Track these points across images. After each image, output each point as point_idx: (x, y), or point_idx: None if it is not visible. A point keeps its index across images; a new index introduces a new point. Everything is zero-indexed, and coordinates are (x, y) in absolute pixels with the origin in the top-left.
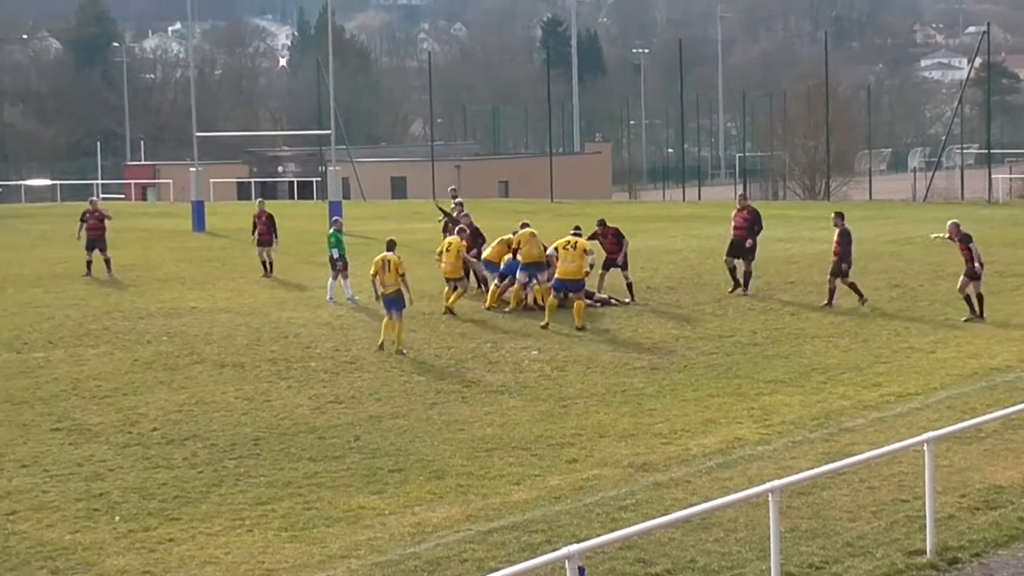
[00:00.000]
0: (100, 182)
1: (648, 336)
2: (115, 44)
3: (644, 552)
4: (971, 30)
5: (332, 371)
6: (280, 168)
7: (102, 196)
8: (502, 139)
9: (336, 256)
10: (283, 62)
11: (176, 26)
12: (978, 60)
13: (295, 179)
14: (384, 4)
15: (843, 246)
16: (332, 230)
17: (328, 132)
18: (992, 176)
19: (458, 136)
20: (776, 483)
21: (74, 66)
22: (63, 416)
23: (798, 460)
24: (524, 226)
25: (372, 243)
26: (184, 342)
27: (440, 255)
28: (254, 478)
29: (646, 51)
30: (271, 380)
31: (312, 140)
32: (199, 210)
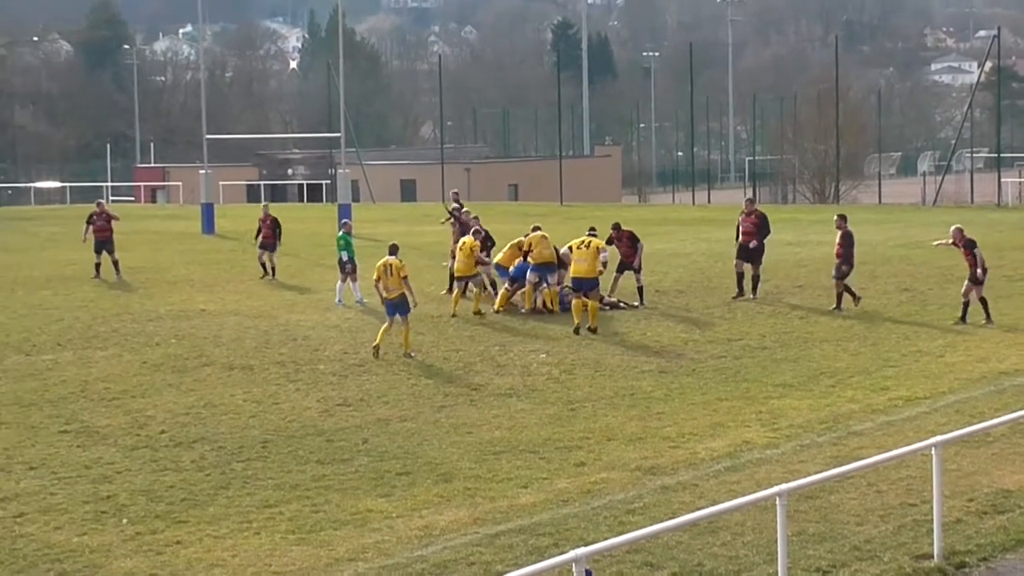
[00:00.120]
0: (110, 184)
1: (657, 339)
2: (126, 46)
3: (651, 555)
4: (982, 34)
5: (340, 374)
6: (290, 171)
7: (112, 198)
8: (512, 142)
9: (345, 259)
10: (293, 65)
11: (187, 28)
12: (988, 64)
13: (305, 182)
14: (395, 7)
15: (846, 248)
16: (341, 233)
17: (338, 135)
18: (1002, 180)
19: (468, 139)
20: (784, 487)
21: (84, 68)
22: (71, 418)
23: (806, 464)
24: (535, 229)
25: (381, 246)
26: (193, 344)
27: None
28: (262, 481)
29: (656, 54)
30: (279, 383)
31: (322, 143)
32: (208, 212)
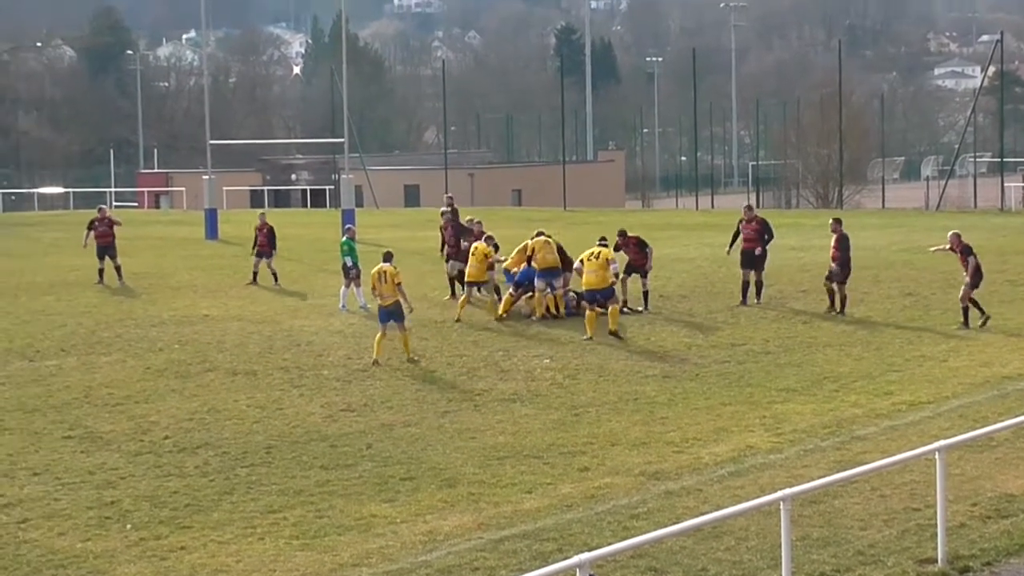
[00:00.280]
0: (113, 190)
1: (660, 344)
2: (129, 52)
3: (656, 560)
4: (985, 39)
5: (344, 379)
6: (293, 176)
7: (115, 204)
8: (516, 147)
9: (349, 264)
10: (297, 70)
11: (190, 34)
12: (991, 69)
13: (308, 187)
14: (398, 12)
15: (842, 252)
16: (345, 238)
17: (341, 140)
18: (1005, 184)
19: (472, 144)
20: (788, 491)
21: (88, 74)
22: (75, 424)
23: (810, 468)
24: (539, 234)
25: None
26: (196, 350)
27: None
28: (266, 486)
29: (660, 59)
30: (283, 388)
31: (325, 148)
32: (212, 218)
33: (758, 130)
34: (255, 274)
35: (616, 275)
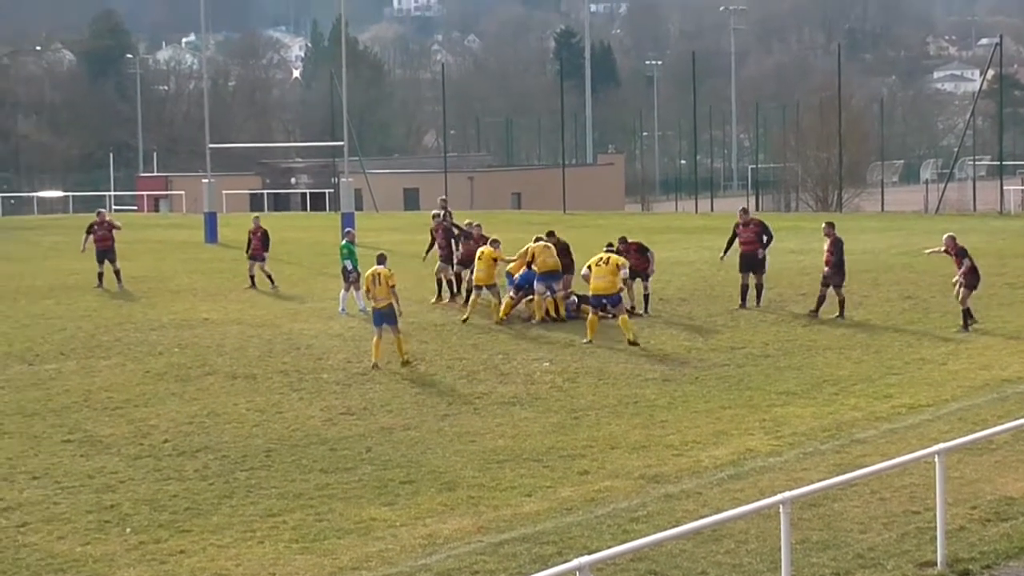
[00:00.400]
0: (113, 193)
1: (660, 348)
2: (128, 56)
3: (655, 564)
4: (984, 42)
5: (344, 383)
6: (293, 180)
7: (114, 208)
8: (515, 150)
9: (349, 268)
10: (296, 74)
11: (190, 38)
12: (991, 72)
13: (308, 190)
14: (398, 16)
15: (836, 255)
16: (344, 242)
17: (341, 143)
18: (1004, 188)
19: (471, 147)
20: (787, 495)
21: (87, 78)
22: (74, 428)
23: (809, 472)
24: (550, 234)
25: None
26: (196, 354)
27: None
28: (265, 490)
29: (659, 63)
30: (283, 392)
31: (325, 151)
32: (211, 222)
33: (758, 133)
34: (252, 278)
35: (625, 281)
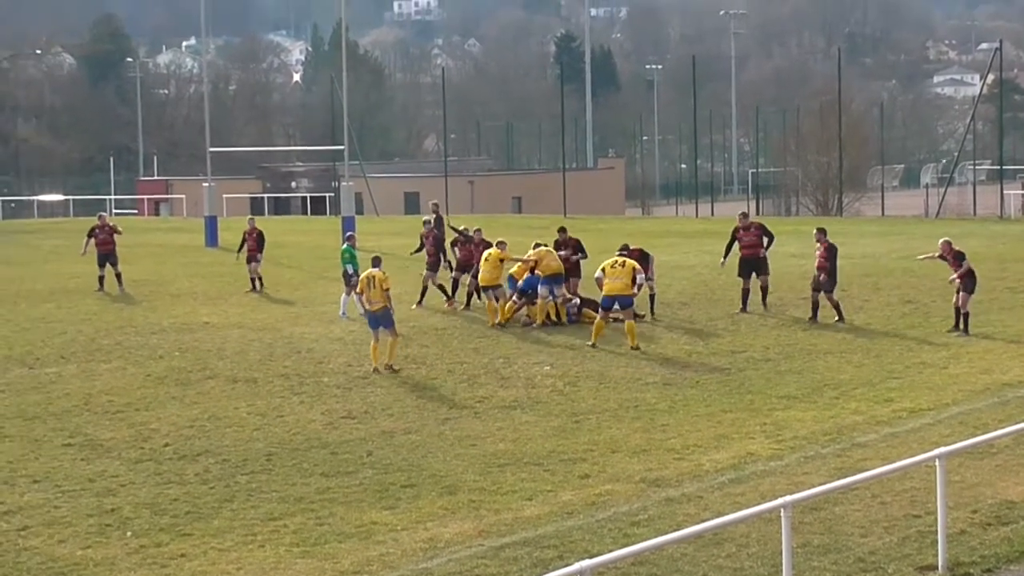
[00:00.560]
0: (113, 197)
1: (661, 351)
2: (129, 59)
3: (656, 568)
4: (984, 47)
5: (345, 386)
6: (293, 183)
7: (115, 211)
8: (515, 155)
9: (351, 272)
10: (297, 77)
11: (190, 41)
12: (991, 76)
13: (308, 194)
14: (398, 20)
15: (831, 262)
16: (346, 246)
17: (341, 147)
18: (1004, 192)
19: (471, 151)
20: (788, 498)
21: (88, 81)
22: (75, 431)
23: (810, 475)
24: (538, 245)
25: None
26: (196, 357)
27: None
28: (266, 493)
29: (659, 67)
30: (284, 395)
31: (325, 155)
32: (212, 225)
33: (758, 137)
34: (252, 280)
35: (639, 287)
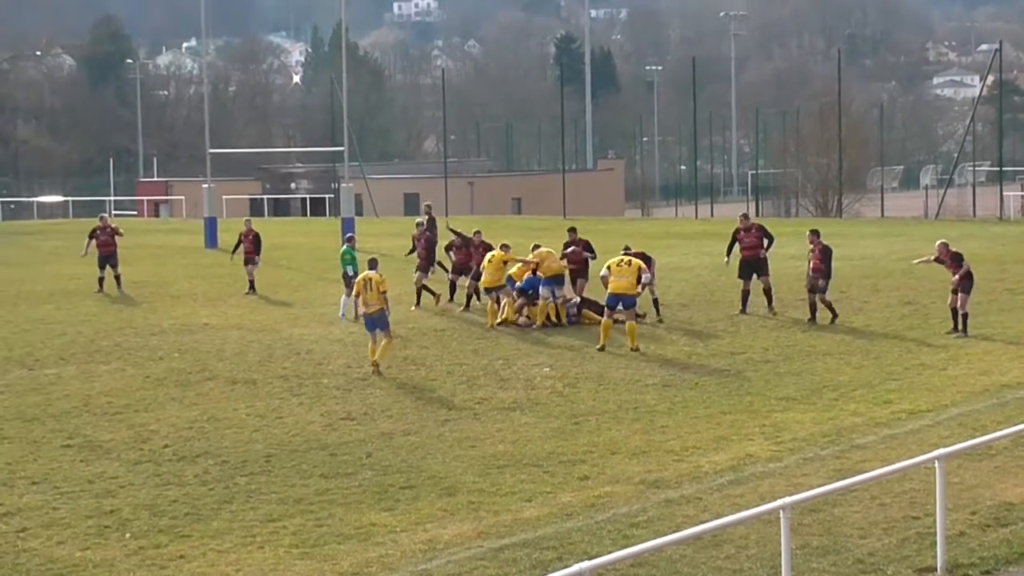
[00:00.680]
0: (113, 198)
1: (660, 353)
2: (129, 61)
3: (656, 569)
4: (983, 48)
5: (344, 388)
6: (293, 185)
7: (115, 212)
8: (515, 156)
9: (351, 273)
10: (297, 79)
11: (190, 43)
12: (990, 78)
13: (308, 196)
14: (398, 21)
15: (826, 264)
16: (346, 247)
17: (341, 149)
18: (1004, 193)
19: (471, 153)
20: (787, 500)
21: (87, 83)
22: (74, 433)
23: (809, 477)
24: (537, 247)
25: (385, 260)
26: (196, 359)
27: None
28: (265, 495)
29: (659, 68)
30: (283, 397)
31: (325, 157)
32: (212, 227)
33: (757, 139)
34: (251, 282)
35: (643, 287)
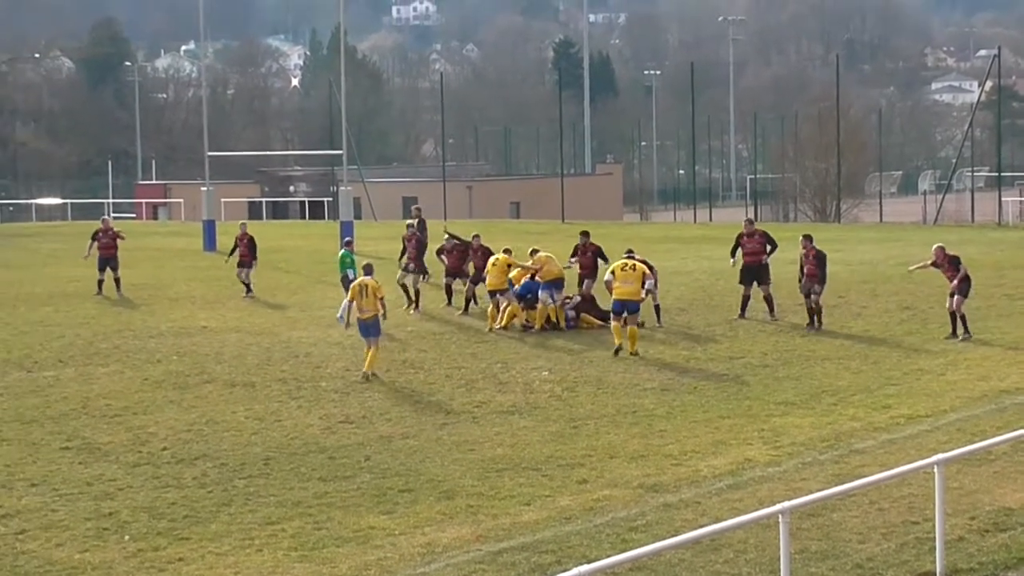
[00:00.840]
0: (111, 201)
1: (659, 357)
2: (127, 63)
3: (654, 573)
4: (982, 53)
5: (342, 391)
6: (292, 188)
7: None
8: (514, 160)
9: (352, 277)
10: (295, 82)
11: (189, 46)
12: (989, 83)
13: (307, 199)
14: (397, 25)
15: (820, 269)
16: (345, 251)
17: (340, 152)
18: (1002, 199)
19: (470, 157)
20: (786, 504)
21: (86, 85)
22: (73, 435)
23: (808, 482)
24: (535, 251)
25: (384, 263)
26: (194, 361)
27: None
28: (264, 498)
29: (658, 73)
30: (281, 400)
31: (324, 160)
32: (210, 229)
33: (756, 144)
34: (245, 284)
35: (648, 292)
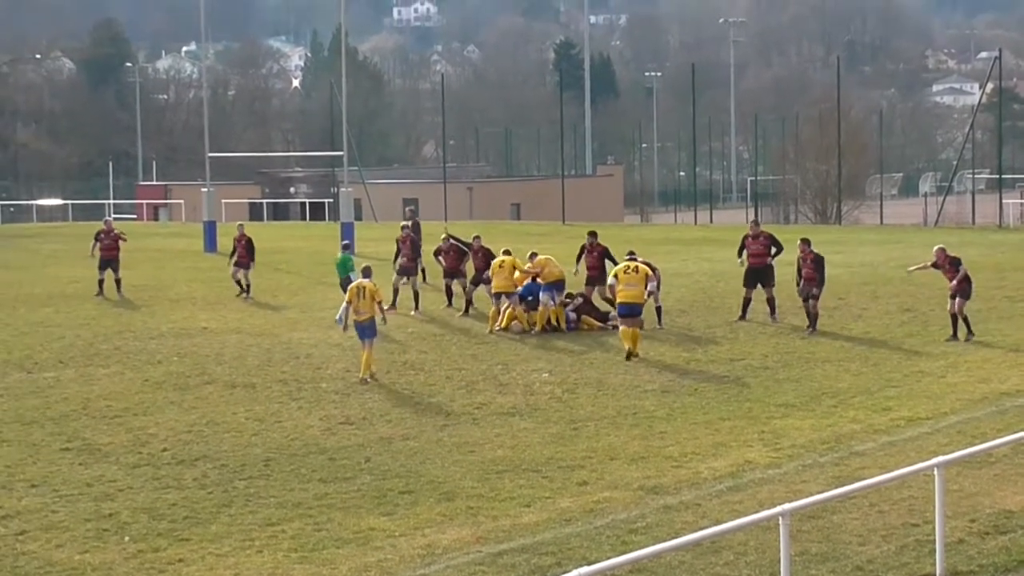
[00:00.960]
0: (112, 202)
1: (659, 359)
2: (128, 64)
3: (654, 575)
4: (983, 55)
5: (343, 392)
6: (292, 189)
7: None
8: (514, 161)
9: (353, 279)
10: (296, 83)
11: (190, 47)
12: (990, 85)
13: (307, 200)
14: (398, 26)
15: (819, 273)
16: (345, 254)
17: (341, 153)
18: (1003, 201)
19: (470, 158)
20: (786, 507)
21: (87, 86)
22: (73, 436)
23: (808, 484)
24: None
25: (384, 264)
26: (195, 362)
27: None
28: (264, 499)
29: (659, 74)
30: (282, 401)
31: (325, 161)
32: (211, 230)
33: (757, 145)
34: (239, 283)
35: (650, 294)
